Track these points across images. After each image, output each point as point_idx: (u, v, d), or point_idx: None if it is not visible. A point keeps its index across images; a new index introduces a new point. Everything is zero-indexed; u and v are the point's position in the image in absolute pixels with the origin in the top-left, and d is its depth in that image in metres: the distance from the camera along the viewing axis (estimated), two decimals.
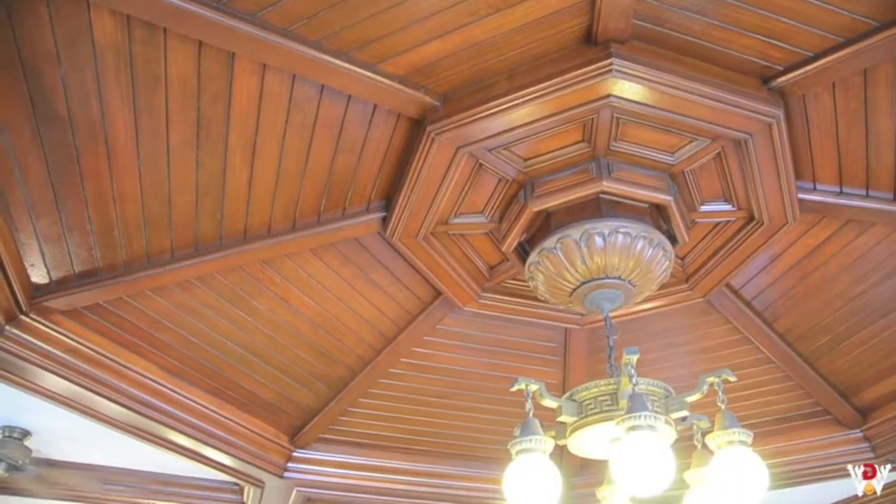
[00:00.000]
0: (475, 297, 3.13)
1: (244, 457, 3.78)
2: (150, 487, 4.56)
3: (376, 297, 3.18)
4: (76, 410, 3.31)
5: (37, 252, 2.67)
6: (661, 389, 2.24)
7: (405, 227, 2.69)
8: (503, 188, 2.57)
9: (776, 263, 3.07)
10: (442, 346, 3.51)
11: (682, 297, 3.20)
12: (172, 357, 3.31)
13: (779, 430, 3.96)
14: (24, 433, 3.94)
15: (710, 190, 2.65)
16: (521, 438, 2.08)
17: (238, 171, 2.46)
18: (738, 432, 2.15)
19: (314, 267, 2.99)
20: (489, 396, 3.75)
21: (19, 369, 3.00)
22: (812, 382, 3.72)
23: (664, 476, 1.90)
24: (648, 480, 1.90)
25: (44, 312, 2.90)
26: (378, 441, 4.09)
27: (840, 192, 2.69)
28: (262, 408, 3.72)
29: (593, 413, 2.17)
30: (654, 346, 3.48)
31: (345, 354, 3.48)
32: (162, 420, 3.40)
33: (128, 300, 3.00)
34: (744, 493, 2.09)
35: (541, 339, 3.47)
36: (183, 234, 2.70)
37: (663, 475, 1.90)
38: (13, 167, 2.33)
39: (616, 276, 2.48)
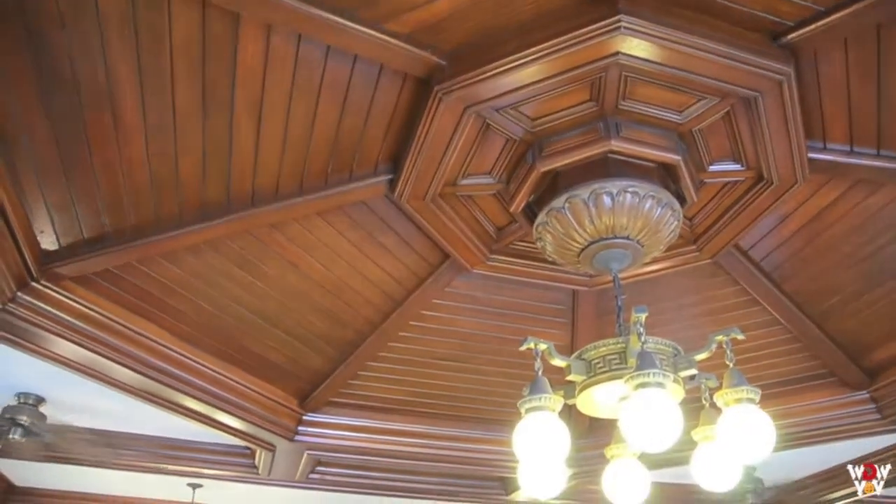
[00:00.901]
0: (483, 258, 3.13)
1: (255, 421, 3.83)
2: (163, 452, 4.63)
3: (385, 261, 3.19)
4: (88, 376, 3.35)
5: (46, 219, 2.67)
6: (670, 348, 2.25)
7: (413, 188, 2.68)
8: (511, 149, 2.56)
9: (785, 224, 3.06)
10: (451, 308, 3.52)
11: (691, 259, 3.19)
12: (183, 322, 3.33)
13: (786, 391, 3.98)
14: (38, 399, 4.00)
15: (718, 149, 2.62)
16: (531, 397, 2.10)
17: (244, 134, 2.45)
18: (747, 390, 2.16)
19: (322, 230, 2.99)
20: (498, 359, 3.77)
21: (32, 336, 3.03)
22: (820, 344, 3.73)
23: (672, 432, 1.91)
24: (657, 437, 1.91)
25: (54, 279, 2.92)
26: (388, 404, 4.13)
27: (851, 152, 2.66)
28: (272, 372, 3.75)
29: (602, 372, 2.18)
30: (662, 307, 3.49)
31: (354, 318, 3.50)
32: (173, 385, 3.44)
33: (137, 266, 3.02)
34: (751, 450, 2.11)
35: (549, 301, 3.47)
36: (191, 199, 2.71)
37: (671, 431, 1.91)
38: (20, 133, 2.33)
39: (624, 235, 2.47)
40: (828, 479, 5.42)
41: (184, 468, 4.79)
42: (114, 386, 3.44)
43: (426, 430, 4.25)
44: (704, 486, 2.39)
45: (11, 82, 2.15)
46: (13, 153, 2.37)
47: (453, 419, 4.26)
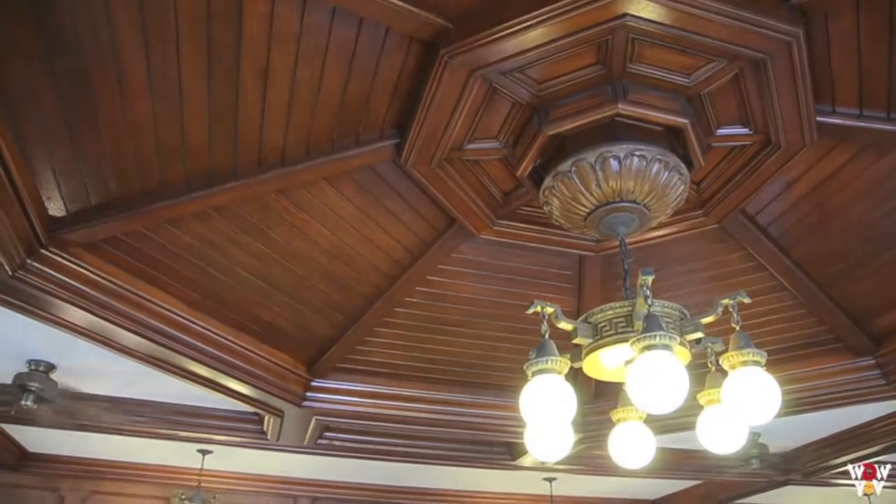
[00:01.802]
0: (490, 223, 3.13)
1: (263, 387, 3.86)
2: (174, 419, 4.69)
3: (391, 226, 3.19)
4: (97, 342, 3.38)
5: (52, 185, 2.68)
6: (676, 311, 2.25)
7: (419, 153, 2.67)
8: (517, 112, 2.54)
9: (793, 189, 3.04)
10: (457, 274, 3.53)
11: (697, 224, 3.19)
12: (191, 289, 3.35)
13: (792, 357, 4.00)
14: (49, 366, 4.04)
15: (726, 113, 2.60)
16: (537, 359, 2.11)
17: (250, 99, 2.44)
18: (752, 352, 2.17)
19: (329, 196, 2.99)
20: (504, 324, 3.79)
21: (41, 302, 3.05)
22: (825, 310, 3.73)
23: (678, 394, 1.93)
24: (663, 399, 1.92)
25: (63, 246, 2.93)
26: (395, 370, 4.16)
27: (860, 115, 2.63)
28: (280, 338, 3.77)
29: (608, 335, 2.19)
30: (669, 273, 3.49)
31: (361, 283, 3.51)
32: (182, 351, 3.47)
33: (145, 232, 3.03)
34: (757, 412, 2.12)
35: (555, 266, 3.48)
36: (197, 164, 2.70)
37: (677, 393, 1.92)
38: (25, 99, 2.32)
39: (631, 199, 2.47)
40: (832, 445, 5.47)
41: (194, 434, 4.85)
42: (122, 352, 3.47)
43: (433, 395, 4.29)
44: (710, 449, 2.41)
45: (14, 47, 2.14)
46: (18, 119, 2.37)
47: (460, 384, 4.29)
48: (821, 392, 4.17)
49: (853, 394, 4.19)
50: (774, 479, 6.13)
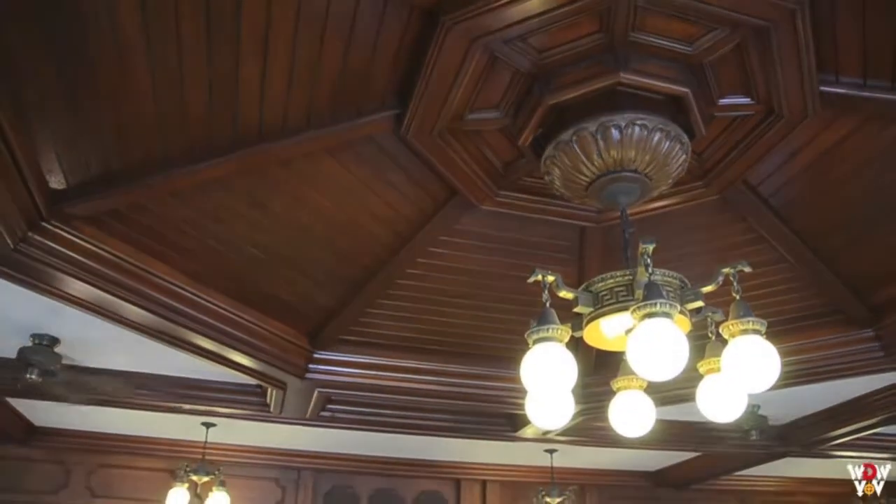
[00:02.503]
0: (491, 194, 3.13)
1: (266, 359, 3.88)
2: (178, 392, 4.73)
3: (392, 197, 3.18)
4: (101, 315, 3.39)
5: (53, 158, 2.67)
6: (677, 281, 2.26)
7: (420, 123, 2.66)
8: (518, 82, 2.52)
9: (795, 160, 3.02)
10: (458, 245, 3.53)
11: (699, 195, 3.18)
12: (193, 261, 3.35)
13: (791, 329, 4.01)
14: (53, 340, 4.07)
15: (728, 82, 2.59)
16: (539, 327, 2.12)
17: (251, 68, 2.42)
18: (752, 321, 2.18)
19: (330, 167, 2.98)
20: (506, 296, 3.79)
21: (44, 275, 3.06)
22: (826, 281, 3.74)
23: (679, 361, 1.94)
24: (663, 366, 1.94)
25: (64, 219, 2.93)
26: (396, 341, 4.18)
27: (864, 85, 2.60)
28: (282, 310, 3.79)
29: (609, 303, 2.20)
30: (669, 245, 3.48)
31: (362, 255, 3.52)
32: (185, 324, 3.48)
33: (146, 205, 3.03)
34: (756, 380, 2.13)
35: (557, 237, 3.47)
36: (198, 135, 2.69)
37: (678, 360, 1.94)
38: (22, 69, 2.30)
39: (632, 169, 2.46)
40: (831, 417, 5.50)
41: (197, 407, 4.89)
42: (126, 325, 3.49)
43: (435, 367, 4.31)
44: (709, 418, 2.43)
45: (11, 14, 2.12)
46: (17, 89, 2.35)
47: (461, 356, 4.31)
48: (820, 364, 4.19)
49: (852, 366, 4.21)
50: (773, 450, 6.18)
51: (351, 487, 7.09)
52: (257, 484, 6.77)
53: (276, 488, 6.85)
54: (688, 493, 7.84)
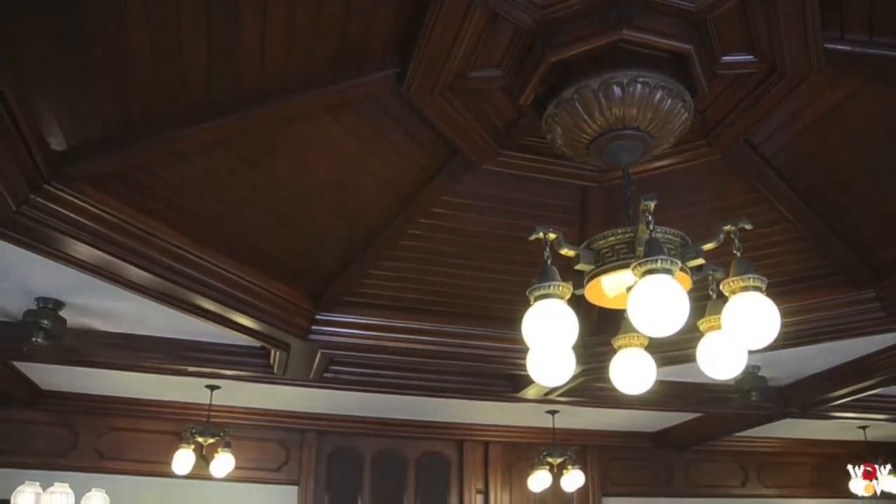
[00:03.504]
0: (493, 153, 3.11)
1: (269, 320, 3.90)
2: (183, 354, 4.76)
3: (393, 157, 3.17)
4: (104, 278, 3.41)
5: (52, 118, 2.65)
6: (678, 238, 2.27)
7: (421, 82, 2.64)
8: (520, 39, 2.49)
9: (798, 119, 3.00)
10: (460, 206, 3.52)
11: (701, 154, 3.17)
12: (195, 222, 3.36)
13: (793, 290, 4.02)
14: (57, 304, 4.09)
15: (731, 39, 2.56)
16: (540, 284, 2.13)
17: (250, 27, 2.40)
18: (753, 278, 2.19)
19: (330, 127, 2.96)
20: (507, 257, 3.80)
21: (47, 238, 3.06)
22: (828, 242, 3.74)
23: (679, 317, 1.95)
24: (663, 321, 1.95)
25: (66, 180, 2.93)
26: (399, 302, 4.20)
27: (869, 42, 2.57)
28: (285, 272, 3.80)
29: (610, 261, 2.21)
30: (671, 205, 3.47)
31: (364, 216, 3.52)
32: (188, 285, 3.50)
33: (148, 167, 3.03)
34: (756, 336, 2.14)
35: (559, 198, 3.46)
36: (198, 96, 2.68)
37: (678, 316, 1.95)
38: (20, 31, 2.29)
39: (634, 126, 2.45)
40: (830, 378, 5.54)
41: (202, 369, 4.93)
42: (129, 287, 3.50)
43: (437, 328, 4.34)
44: (709, 375, 2.44)
45: None
46: (14, 52, 2.33)
47: (464, 317, 4.33)
48: (821, 324, 4.21)
49: (853, 326, 4.23)
50: (773, 411, 6.24)
51: (354, 449, 7.18)
52: (262, 445, 6.86)
53: (281, 450, 6.95)
54: (688, 454, 7.94)
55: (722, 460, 8.13)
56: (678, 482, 7.91)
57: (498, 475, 7.43)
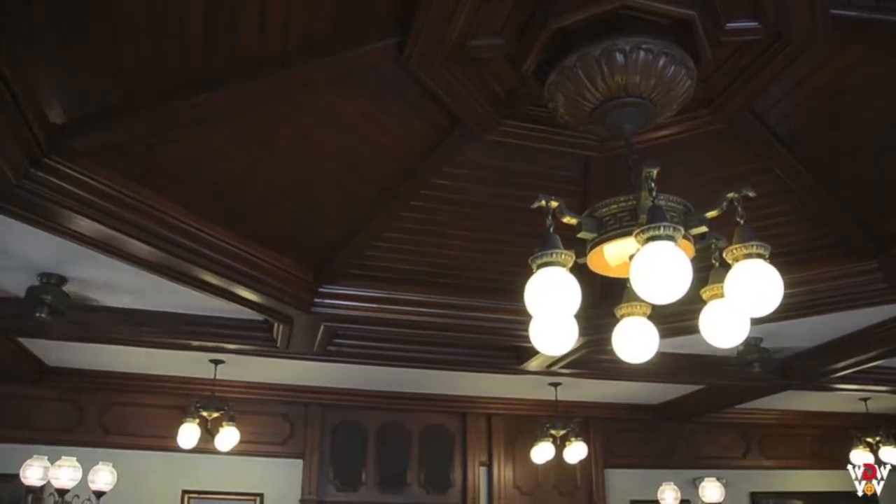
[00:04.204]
0: (494, 123, 3.09)
1: (272, 293, 3.91)
2: (185, 328, 4.77)
3: (394, 128, 3.14)
4: (107, 252, 3.41)
5: (50, 91, 2.64)
6: (681, 206, 2.26)
7: (421, 51, 2.61)
8: (521, 6, 2.46)
9: (802, 87, 2.96)
10: (462, 177, 3.51)
11: (704, 123, 3.14)
12: (197, 196, 3.35)
13: (796, 261, 3.99)
14: (60, 279, 4.10)
15: (735, 6, 2.52)
16: (542, 252, 2.12)
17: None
18: (756, 245, 2.18)
19: (331, 98, 2.94)
20: (510, 228, 3.78)
21: (49, 212, 3.06)
22: (831, 213, 3.72)
23: (682, 283, 1.95)
24: (666, 288, 1.95)
25: (66, 154, 2.92)
26: (401, 275, 4.19)
27: (877, 7, 2.53)
28: (287, 245, 3.80)
29: (613, 228, 2.20)
30: (673, 175, 3.43)
31: (365, 188, 3.51)
32: (191, 259, 3.50)
33: (149, 139, 3.02)
34: (759, 303, 2.14)
35: (561, 168, 3.44)
36: (198, 67, 2.66)
37: (681, 283, 1.94)
38: (16, 3, 2.26)
39: (637, 94, 2.42)
40: (832, 350, 5.55)
41: (206, 343, 4.96)
42: (131, 261, 3.51)
43: (440, 300, 4.34)
44: (712, 343, 2.44)
45: None
46: (9, 24, 2.31)
47: (466, 289, 4.33)
48: (823, 296, 4.21)
49: (855, 297, 4.23)
50: (775, 383, 6.25)
51: (358, 422, 7.23)
52: (266, 420, 6.91)
53: (285, 423, 7.00)
54: (690, 426, 7.98)
55: (723, 432, 8.18)
56: (680, 454, 7.96)
57: (501, 447, 7.49)
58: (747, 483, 8.04)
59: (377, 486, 7.15)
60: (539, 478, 7.47)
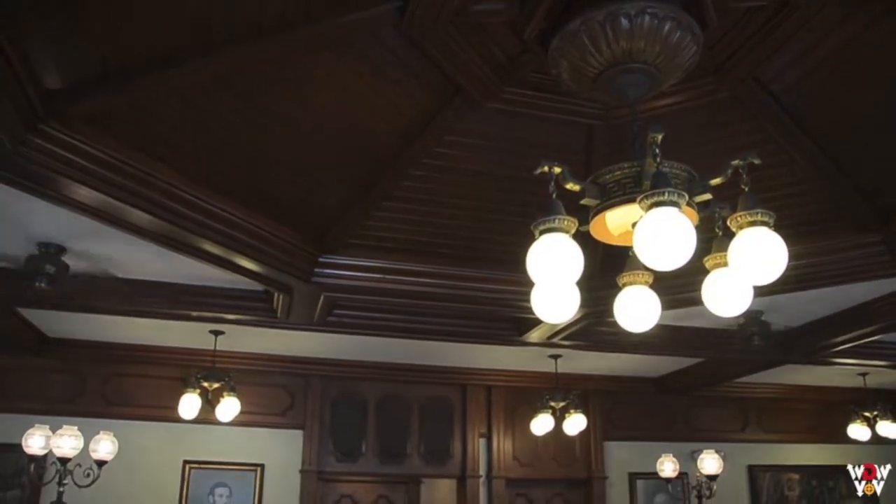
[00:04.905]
0: (496, 91, 3.05)
1: (272, 263, 3.89)
2: (184, 299, 4.76)
3: (395, 95, 3.11)
4: (105, 221, 3.38)
5: (45, 56, 2.59)
6: (685, 173, 2.23)
7: (422, 16, 2.57)
8: None
9: (809, 56, 2.92)
10: (463, 145, 3.47)
11: (709, 91, 3.10)
12: (197, 165, 3.32)
13: (799, 233, 3.96)
14: (59, 249, 4.08)
15: None
16: (545, 218, 2.10)
17: None
18: (761, 212, 2.16)
19: (330, 65, 2.90)
20: (511, 197, 3.75)
21: (45, 179, 3.03)
22: (836, 184, 3.69)
23: (685, 250, 1.93)
24: (670, 254, 1.93)
25: (63, 120, 2.87)
26: (402, 245, 4.17)
27: None
28: (287, 214, 3.78)
29: (616, 195, 2.18)
30: (677, 144, 3.40)
31: (365, 157, 3.48)
32: (190, 228, 3.47)
33: (147, 106, 2.98)
34: (763, 271, 2.12)
35: (563, 137, 3.40)
36: (196, 32, 2.62)
37: (685, 249, 1.93)
38: None
39: (642, 60, 2.39)
40: (832, 324, 5.55)
41: (205, 314, 4.95)
42: (130, 230, 3.48)
43: (440, 270, 4.31)
44: (714, 312, 2.43)
45: None
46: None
47: (467, 259, 4.31)
48: (826, 268, 4.19)
49: (858, 270, 4.21)
50: (775, 357, 6.26)
51: (359, 393, 7.26)
52: (267, 391, 6.93)
53: (286, 395, 7.02)
54: (689, 400, 8.01)
55: (722, 406, 8.21)
56: (678, 427, 8.00)
57: (501, 419, 7.53)
58: (745, 456, 8.10)
59: (377, 457, 7.19)
60: (538, 449, 7.52)
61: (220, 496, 6.65)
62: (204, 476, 6.64)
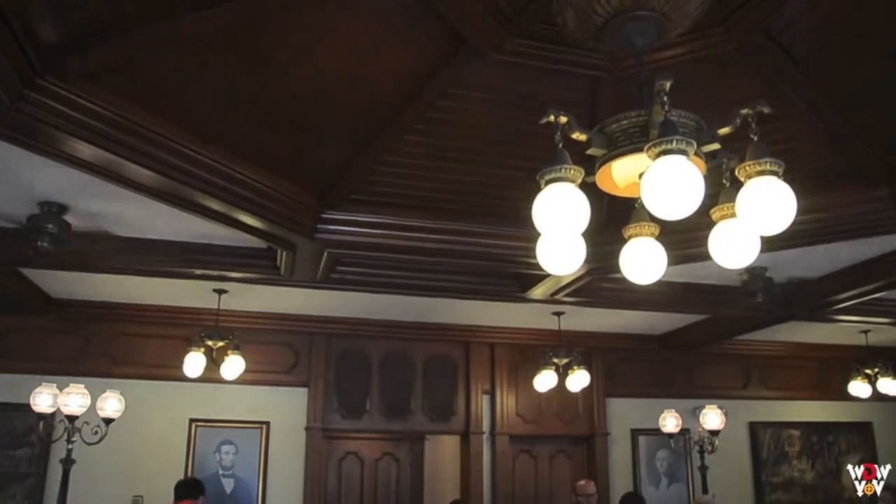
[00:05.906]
0: (501, 42, 2.98)
1: (275, 219, 3.87)
2: (187, 257, 4.76)
3: (398, 47, 3.04)
4: (106, 177, 3.35)
5: (42, 9, 2.54)
6: (693, 122, 2.20)
7: None
8: None
9: (819, 7, 2.85)
10: (468, 99, 3.41)
11: (717, 42, 3.03)
12: (198, 119, 3.28)
13: (807, 187, 3.86)
14: (61, 208, 4.07)
15: None
16: (551, 168, 2.08)
17: None
18: (770, 161, 2.13)
19: (333, 15, 2.84)
20: (516, 152, 3.71)
21: (44, 135, 3.00)
22: (845, 138, 3.65)
23: (693, 198, 1.91)
24: (678, 203, 1.91)
25: (61, 75, 2.83)
26: (406, 200, 4.14)
27: None
28: (289, 169, 3.74)
29: (623, 145, 2.15)
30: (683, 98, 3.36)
31: (368, 110, 3.42)
32: (191, 183, 3.45)
33: (146, 59, 2.92)
34: (772, 221, 2.10)
35: (569, 90, 3.33)
36: None
37: (692, 197, 1.91)
38: None
39: (649, 7, 2.33)
40: (836, 280, 5.54)
41: (209, 272, 4.95)
42: (131, 187, 3.45)
43: (444, 225, 4.28)
44: (721, 264, 2.41)
45: None
46: None
47: (471, 214, 4.27)
48: (834, 223, 4.16)
49: (866, 225, 4.18)
50: (779, 313, 6.27)
51: (362, 351, 7.30)
52: (271, 349, 6.97)
53: (290, 353, 7.07)
54: (691, 357, 8.06)
55: (725, 363, 8.26)
56: (681, 384, 8.06)
57: (504, 376, 7.58)
58: (747, 413, 8.18)
59: (381, 413, 7.26)
60: (541, 406, 7.59)
61: (226, 454, 6.74)
62: (210, 434, 6.72)
